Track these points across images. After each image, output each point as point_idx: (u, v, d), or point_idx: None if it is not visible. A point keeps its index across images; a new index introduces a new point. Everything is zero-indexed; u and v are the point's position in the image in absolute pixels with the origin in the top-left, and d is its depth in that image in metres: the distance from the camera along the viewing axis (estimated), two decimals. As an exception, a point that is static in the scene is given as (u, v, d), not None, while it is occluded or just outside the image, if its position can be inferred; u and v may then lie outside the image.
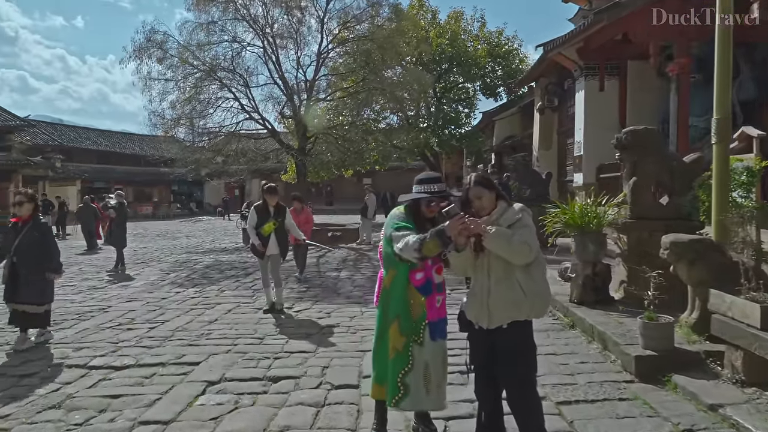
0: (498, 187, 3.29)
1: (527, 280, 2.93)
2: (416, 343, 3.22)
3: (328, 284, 9.15)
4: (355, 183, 43.46)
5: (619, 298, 6.12)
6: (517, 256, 2.89)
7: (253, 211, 6.86)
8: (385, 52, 17.44)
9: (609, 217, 6.14)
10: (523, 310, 2.94)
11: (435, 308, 3.23)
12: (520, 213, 3.05)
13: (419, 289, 3.23)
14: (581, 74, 13.15)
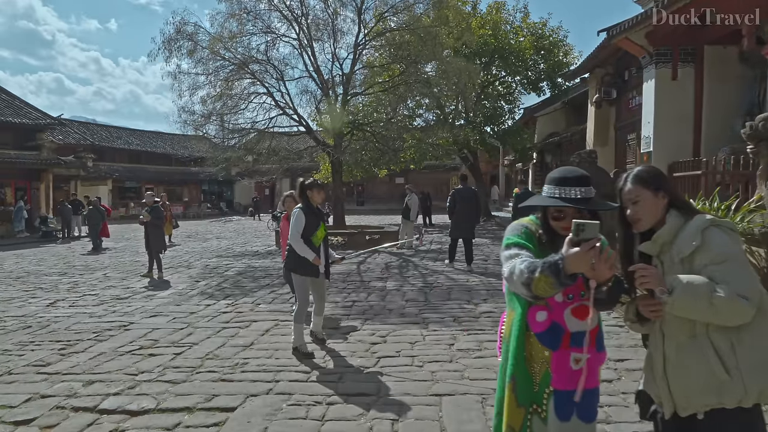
0: (671, 187, 2.19)
1: (734, 346, 1.84)
2: (536, 415, 2.13)
3: (375, 298, 8.06)
4: (387, 183, 42.46)
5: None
6: (726, 319, 1.80)
7: (299, 214, 5.25)
8: (424, 44, 16.30)
9: (740, 226, 4.92)
10: (727, 394, 1.83)
11: (568, 370, 2.10)
12: (711, 231, 1.93)
13: (541, 337, 2.13)
14: (651, 61, 11.79)
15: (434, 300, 7.76)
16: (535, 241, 2.16)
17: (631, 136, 14.59)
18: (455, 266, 11.04)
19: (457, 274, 10.07)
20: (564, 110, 26.28)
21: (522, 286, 1.91)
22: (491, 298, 7.72)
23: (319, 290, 5.53)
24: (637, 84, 14.07)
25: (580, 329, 2.11)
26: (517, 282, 1.92)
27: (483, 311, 6.94)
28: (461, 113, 24.24)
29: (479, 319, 6.53)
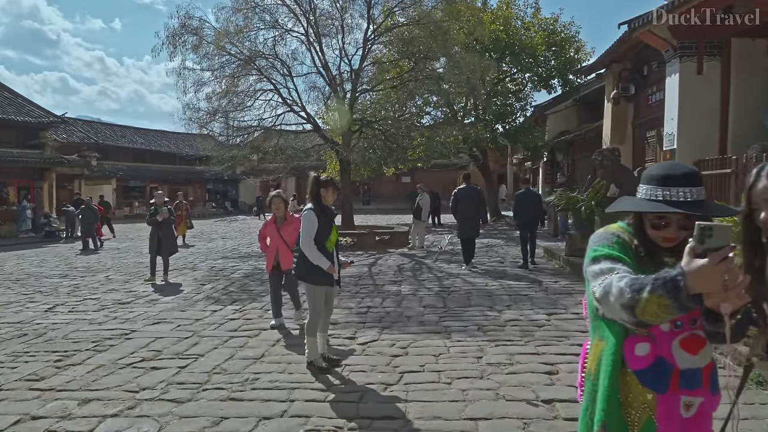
0: None
1: None
2: None
3: (390, 303, 7.62)
4: (393, 182, 42.01)
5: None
6: None
7: (311, 216, 4.66)
8: (435, 40, 15.84)
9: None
10: None
11: (678, 418, 1.67)
12: None
13: (642, 375, 1.68)
14: (674, 55, 11.31)
15: (454, 306, 7.31)
16: (631, 254, 1.71)
17: (651, 134, 14.10)
18: (473, 268, 10.61)
19: (474, 278, 9.62)
20: (575, 108, 25.78)
21: (622, 310, 1.45)
22: (515, 305, 7.27)
23: (329, 302, 5.01)
24: (657, 79, 13.58)
25: (692, 366, 1.66)
26: (615, 304, 1.46)
27: (508, 319, 6.49)
28: (470, 111, 23.81)
29: (505, 329, 6.08)
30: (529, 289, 8.41)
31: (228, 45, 14.85)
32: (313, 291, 4.79)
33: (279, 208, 6.32)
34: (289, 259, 6.03)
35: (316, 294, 4.79)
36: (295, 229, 5.70)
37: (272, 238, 6.46)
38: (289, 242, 6.26)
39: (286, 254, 6.28)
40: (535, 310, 6.92)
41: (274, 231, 6.42)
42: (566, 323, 6.23)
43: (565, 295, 7.86)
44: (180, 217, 16.74)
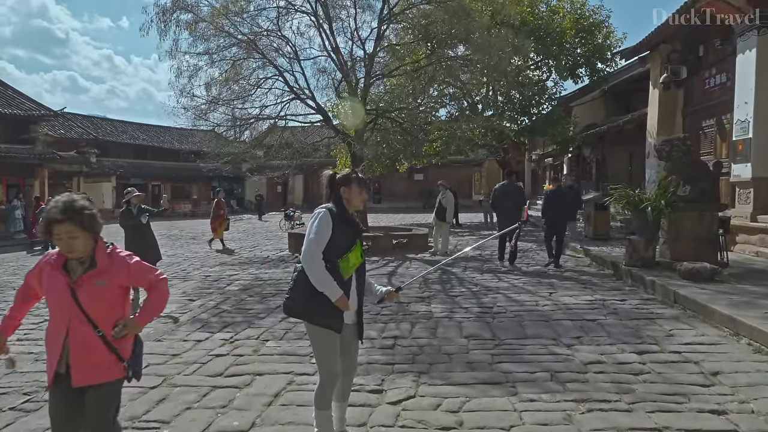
0: None
1: None
2: None
3: (422, 331, 5.95)
4: (405, 179, 40.40)
5: None
6: None
7: (325, 218, 3.04)
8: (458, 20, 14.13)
9: None
10: None
11: None
12: None
13: None
14: (750, 26, 9.59)
15: (505, 336, 5.64)
16: None
17: (708, 123, 12.36)
18: (512, 280, 8.95)
19: (518, 293, 7.94)
20: (603, 99, 24.11)
21: None
22: (586, 336, 5.59)
23: (348, 355, 3.29)
24: (718, 60, 11.85)
25: None
26: None
27: (587, 361, 4.80)
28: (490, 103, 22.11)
29: (589, 377, 4.41)
30: (594, 311, 6.72)
31: (227, 25, 13.21)
32: (318, 337, 3.13)
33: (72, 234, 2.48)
34: (95, 361, 2.53)
35: (324, 342, 3.13)
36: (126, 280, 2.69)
37: (54, 301, 2.59)
38: (94, 316, 2.53)
39: (85, 345, 2.52)
40: (618, 345, 5.23)
41: (59, 286, 2.55)
42: (670, 369, 4.54)
43: (645, 321, 6.16)
44: (221, 217, 15.55)
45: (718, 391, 4.06)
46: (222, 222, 15.63)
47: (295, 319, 3.29)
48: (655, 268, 8.50)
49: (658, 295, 7.35)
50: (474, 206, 32.99)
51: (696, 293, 6.68)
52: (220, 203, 15.72)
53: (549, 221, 10.50)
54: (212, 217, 15.69)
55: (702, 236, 8.39)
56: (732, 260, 8.98)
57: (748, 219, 10.09)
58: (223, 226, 15.71)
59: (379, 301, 3.37)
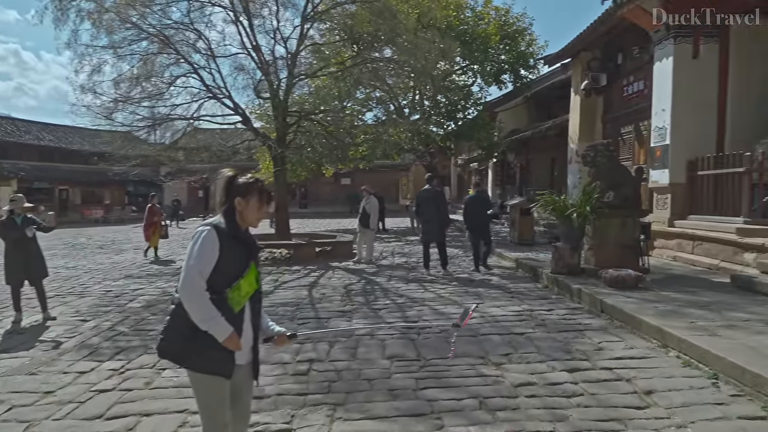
0: None
1: None
2: None
3: (341, 353, 5.41)
4: (331, 183, 39.75)
5: None
6: None
7: (209, 238, 2.47)
8: (384, 21, 13.78)
9: None
10: None
11: None
12: None
13: None
14: (667, 35, 9.74)
15: (431, 355, 5.21)
16: None
17: (627, 129, 12.60)
18: (438, 290, 8.60)
19: (445, 305, 7.58)
20: (526, 105, 24.54)
21: None
22: (515, 353, 5.24)
23: (239, 405, 2.69)
24: (635, 68, 12.09)
25: None
26: None
27: (517, 382, 4.44)
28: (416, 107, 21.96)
29: (518, 401, 4.04)
30: (522, 323, 6.43)
31: (135, 16, 12.17)
32: (202, 385, 2.54)
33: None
34: None
35: (210, 390, 2.54)
36: None
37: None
38: None
39: None
40: (548, 363, 4.91)
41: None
42: (603, 389, 4.25)
43: (574, 333, 5.92)
44: (155, 225, 14.10)
45: (654, 414, 3.78)
46: (156, 229, 14.37)
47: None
48: (580, 275, 8.40)
49: (585, 304, 7.19)
50: (401, 211, 32.85)
51: (622, 302, 6.54)
52: (153, 209, 14.35)
53: (470, 226, 10.65)
54: (145, 225, 14.33)
55: (625, 242, 8.37)
56: (652, 265, 9.04)
57: (665, 224, 10.26)
58: (157, 234, 14.46)
59: (265, 340, 2.77)
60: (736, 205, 8.73)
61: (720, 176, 9.12)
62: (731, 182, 8.87)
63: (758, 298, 6.73)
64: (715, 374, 4.44)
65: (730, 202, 8.88)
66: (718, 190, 9.20)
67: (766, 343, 4.76)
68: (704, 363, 4.62)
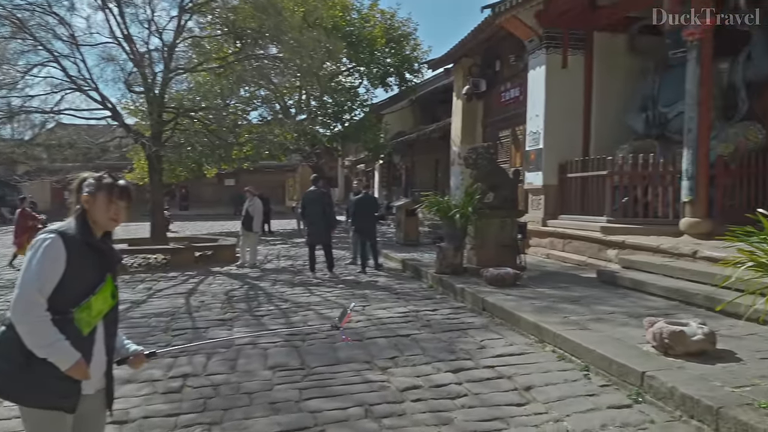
0: None
1: None
2: None
3: (219, 365, 5.05)
4: (215, 184, 38.17)
5: None
6: None
7: (52, 249, 2.08)
8: (268, 16, 13.37)
9: None
10: None
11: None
12: None
13: None
14: (540, 45, 10.32)
15: (315, 363, 5.01)
16: None
17: (504, 133, 13.22)
18: (324, 293, 8.42)
19: (331, 309, 7.40)
20: (411, 108, 25.05)
21: None
22: (401, 356, 5.19)
23: None
24: (511, 75, 12.71)
25: None
26: None
27: (403, 386, 4.37)
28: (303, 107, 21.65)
29: (404, 406, 3.96)
30: (408, 324, 6.43)
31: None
32: (35, 422, 2.15)
33: None
34: None
35: (47, 428, 2.16)
36: None
37: None
38: None
39: None
40: (433, 364, 4.90)
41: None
42: (485, 388, 4.30)
43: (458, 332, 6.00)
44: (30, 230, 11.58)
45: (534, 410, 3.87)
46: (32, 235, 12.51)
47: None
48: (463, 274, 8.62)
49: (468, 303, 7.36)
50: (287, 212, 32.28)
51: (502, 300, 6.75)
52: (25, 212, 12.57)
53: (358, 227, 10.71)
54: (18, 230, 12.44)
55: (504, 242, 8.72)
56: (528, 263, 9.48)
57: (539, 224, 10.86)
58: (31, 241, 12.57)
59: (119, 362, 2.42)
60: (600, 205, 9.42)
61: (586, 179, 9.81)
62: (596, 184, 9.57)
63: (620, 291, 7.26)
64: (586, 366, 4.66)
65: (595, 202, 9.57)
66: (585, 191, 9.89)
67: (630, 334, 5.09)
68: (577, 356, 4.84)
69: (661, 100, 9.77)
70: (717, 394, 3.59)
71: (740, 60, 9.12)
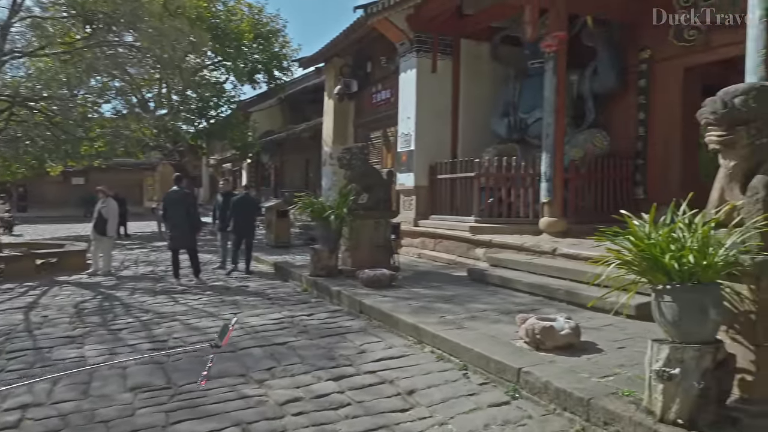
0: None
1: None
2: None
3: (68, 391, 4.41)
4: (60, 183, 34.61)
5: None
6: None
7: None
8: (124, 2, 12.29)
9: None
10: None
11: None
12: None
13: None
14: (411, 49, 10.49)
15: (183, 381, 4.56)
16: None
17: (376, 134, 13.34)
18: (191, 301, 7.83)
19: (199, 318, 6.89)
20: (281, 106, 24.55)
21: None
22: (279, 366, 4.91)
23: None
24: (382, 77, 12.85)
25: None
26: None
27: (282, 399, 4.11)
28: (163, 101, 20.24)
29: (285, 422, 3.72)
30: (284, 331, 6.15)
31: None
32: None
33: None
34: None
35: None
36: None
37: None
38: None
39: None
40: (313, 373, 4.69)
41: None
42: (369, 395, 4.18)
43: (336, 337, 5.84)
44: None
45: (418, 415, 3.82)
46: None
47: None
48: (338, 276, 8.49)
49: (345, 305, 7.24)
50: (146, 214, 30.07)
51: (380, 302, 6.72)
52: None
53: (237, 229, 10.30)
54: None
55: (379, 243, 8.75)
56: (401, 263, 9.59)
57: (411, 224, 11.06)
58: None
59: None
60: (468, 205, 9.80)
61: (455, 180, 10.17)
62: (464, 185, 9.95)
63: (490, 288, 7.57)
64: (464, 365, 4.73)
65: (464, 203, 9.94)
66: (455, 192, 10.24)
67: (503, 331, 5.27)
68: (455, 355, 4.91)
69: (521, 107, 10.42)
70: (586, 386, 3.79)
71: (587, 73, 9.99)
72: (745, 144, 3.26)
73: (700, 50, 8.78)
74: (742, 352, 3.29)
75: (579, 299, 6.25)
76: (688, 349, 3.03)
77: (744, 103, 3.23)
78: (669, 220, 3.30)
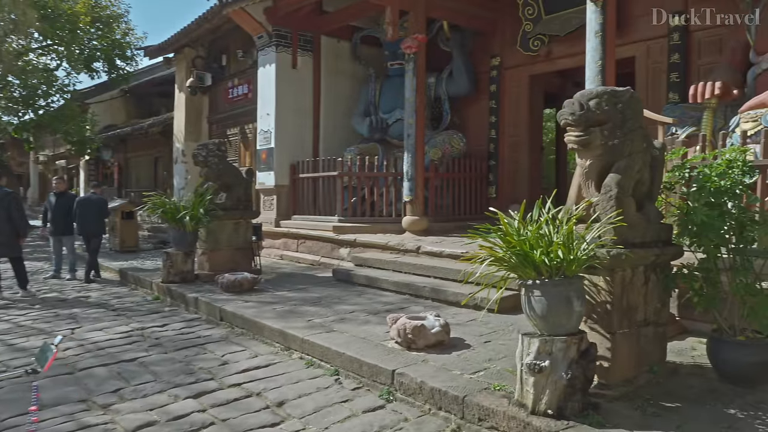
0: None
1: None
2: None
3: None
4: None
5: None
6: None
7: None
8: None
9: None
10: None
11: None
12: None
13: None
14: (270, 42, 10.06)
15: (6, 413, 3.86)
16: None
17: (233, 131, 12.71)
18: (16, 317, 6.77)
19: (27, 337, 5.97)
20: (124, 99, 22.61)
21: None
22: (128, 386, 4.35)
23: None
24: (240, 71, 12.28)
25: None
26: None
27: (134, 425, 3.62)
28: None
29: (139, 452, 3.27)
30: (133, 345, 5.51)
31: None
32: None
33: None
34: None
35: None
36: None
37: None
38: None
39: None
40: (169, 392, 4.22)
41: None
42: (235, 412, 3.84)
43: (195, 348, 5.36)
44: None
45: (291, 428, 3.57)
46: None
47: None
48: (195, 282, 7.90)
49: (203, 313, 6.72)
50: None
51: (242, 308, 6.32)
52: None
53: (84, 232, 9.44)
54: None
55: (239, 245, 8.31)
56: (263, 265, 9.20)
57: (272, 225, 10.67)
58: None
59: None
60: (332, 205, 9.67)
61: (318, 179, 9.98)
62: (327, 185, 9.79)
63: (357, 288, 7.48)
64: (336, 370, 4.56)
65: (327, 202, 9.79)
66: (317, 191, 10.04)
67: (374, 332, 5.18)
68: (326, 360, 4.72)
69: (382, 107, 10.53)
70: (459, 383, 3.80)
71: (444, 76, 10.37)
72: (599, 144, 3.46)
73: (542, 60, 9.51)
74: (599, 340, 3.51)
75: (444, 296, 6.38)
76: (556, 341, 3.14)
77: (598, 106, 3.43)
78: (536, 216, 3.40)
